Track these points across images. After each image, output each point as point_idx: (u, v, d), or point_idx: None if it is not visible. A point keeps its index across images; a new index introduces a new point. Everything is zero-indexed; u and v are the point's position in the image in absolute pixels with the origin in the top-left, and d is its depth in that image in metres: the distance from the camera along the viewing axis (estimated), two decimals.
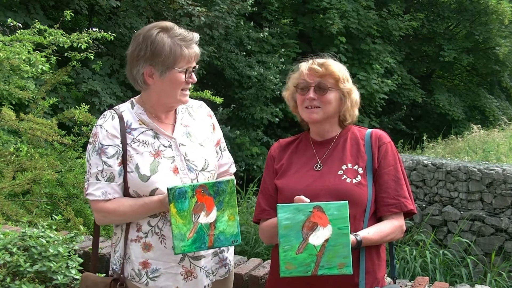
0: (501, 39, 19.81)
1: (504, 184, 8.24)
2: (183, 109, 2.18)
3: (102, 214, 2.01)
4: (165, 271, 2.00)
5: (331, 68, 2.03)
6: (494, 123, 17.63)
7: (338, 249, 1.73)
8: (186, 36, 2.01)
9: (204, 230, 1.86)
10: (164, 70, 1.98)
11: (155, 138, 2.05)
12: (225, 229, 1.88)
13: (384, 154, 2.03)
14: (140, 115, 2.08)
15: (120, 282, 2.03)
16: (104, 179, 1.99)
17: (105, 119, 2.05)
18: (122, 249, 2.05)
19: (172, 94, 2.04)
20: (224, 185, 1.88)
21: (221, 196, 1.87)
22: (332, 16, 16.06)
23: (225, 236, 1.88)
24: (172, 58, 1.97)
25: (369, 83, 16.07)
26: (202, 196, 1.86)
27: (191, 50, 2.01)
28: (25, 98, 5.74)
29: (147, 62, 1.98)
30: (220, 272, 2.13)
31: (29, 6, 10.84)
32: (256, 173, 13.10)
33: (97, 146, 2.01)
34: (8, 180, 4.42)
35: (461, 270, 6.81)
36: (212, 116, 2.26)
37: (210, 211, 1.87)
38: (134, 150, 2.01)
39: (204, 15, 12.27)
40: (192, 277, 2.02)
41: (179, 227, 1.84)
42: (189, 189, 1.85)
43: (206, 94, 5.64)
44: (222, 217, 1.87)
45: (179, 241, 1.84)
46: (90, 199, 2.01)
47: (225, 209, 1.88)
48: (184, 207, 1.84)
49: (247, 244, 7.08)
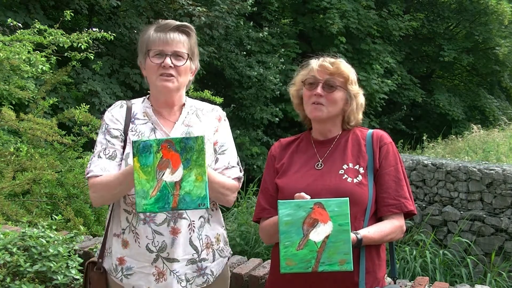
0: (501, 39, 19.83)
1: (504, 184, 8.24)
2: (190, 110, 2.17)
3: (93, 189, 2.00)
4: (138, 270, 2.01)
5: (341, 68, 2.04)
6: (494, 123, 17.64)
7: (339, 245, 1.73)
8: (163, 24, 2.07)
9: (168, 189, 1.73)
10: (144, 57, 2.07)
11: (152, 132, 2.07)
12: (191, 189, 1.73)
13: (385, 154, 2.03)
14: (146, 108, 2.13)
15: (98, 266, 2.08)
16: (105, 156, 2.02)
17: (115, 106, 2.16)
18: (104, 239, 2.11)
19: (151, 81, 2.08)
20: (193, 141, 1.74)
21: (189, 153, 1.74)
22: (332, 16, 16.06)
23: (191, 198, 1.73)
24: (145, 44, 2.06)
25: (369, 83, 16.07)
26: (168, 152, 1.73)
27: (162, 34, 2.03)
28: (25, 98, 5.75)
29: (138, 54, 2.13)
30: (197, 281, 2.07)
31: (29, 6, 10.84)
32: (256, 173, 13.10)
33: (104, 127, 2.09)
34: (8, 180, 4.42)
35: (461, 270, 6.81)
36: (221, 120, 2.23)
37: (176, 169, 1.73)
38: (129, 139, 2.05)
39: (204, 15, 12.27)
40: (163, 279, 2.01)
41: (141, 183, 1.72)
42: (154, 143, 1.73)
43: (206, 94, 5.64)
44: (189, 176, 1.73)
45: (141, 198, 1.72)
46: (89, 176, 2.00)
47: (193, 167, 1.74)
48: (148, 162, 1.72)
49: (247, 244, 7.08)
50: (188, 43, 2.08)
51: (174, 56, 2.03)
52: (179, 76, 2.05)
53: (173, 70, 2.02)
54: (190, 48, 2.08)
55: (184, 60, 2.05)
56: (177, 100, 2.13)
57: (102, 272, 2.07)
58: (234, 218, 7.96)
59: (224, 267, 2.19)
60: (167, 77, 2.02)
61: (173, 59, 2.03)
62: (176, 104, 2.14)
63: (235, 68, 14.44)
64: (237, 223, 7.59)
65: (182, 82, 2.08)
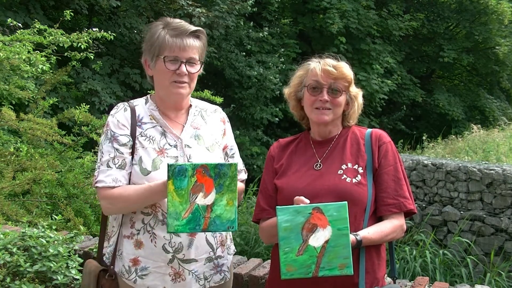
0: (501, 39, 19.83)
1: (504, 184, 8.24)
2: (196, 111, 2.18)
3: (108, 201, 1.99)
4: (154, 270, 2.00)
5: (345, 71, 2.03)
6: (494, 123, 17.63)
7: (339, 250, 1.73)
8: (178, 27, 2.03)
9: (200, 212, 1.81)
10: (153, 59, 2.04)
11: (162, 136, 2.06)
12: (222, 213, 1.82)
13: (384, 153, 2.03)
14: (152, 111, 2.10)
15: (110, 273, 2.05)
16: (115, 166, 2.00)
17: (118, 110, 2.10)
18: (115, 243, 2.06)
19: (162, 85, 2.05)
20: (227, 168, 1.82)
21: (222, 179, 1.82)
22: (332, 16, 16.06)
23: (221, 221, 1.82)
24: (158, 46, 2.02)
25: (369, 83, 16.07)
26: (202, 177, 1.81)
27: (178, 40, 2.00)
28: (25, 98, 5.74)
29: (145, 52, 2.09)
30: (215, 279, 2.10)
31: (29, 6, 10.84)
32: (256, 173, 13.10)
33: (109, 134, 2.04)
34: (8, 180, 4.42)
35: (461, 270, 6.81)
36: (225, 122, 2.26)
37: (208, 193, 1.81)
38: (140, 144, 2.03)
39: (204, 15, 12.27)
40: (181, 279, 2.01)
41: (175, 205, 1.80)
42: (190, 168, 1.80)
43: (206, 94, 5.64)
44: (221, 200, 1.82)
45: (173, 219, 1.79)
46: (99, 186, 1.99)
47: (225, 193, 1.82)
48: (182, 186, 1.80)
49: (247, 244, 7.08)
50: (201, 48, 2.08)
51: (189, 62, 2.02)
52: (191, 82, 2.06)
53: (186, 77, 2.03)
54: (201, 54, 2.08)
55: (198, 66, 2.06)
56: (185, 103, 2.14)
57: (114, 279, 2.05)
58: None
59: (231, 264, 2.22)
60: (181, 84, 2.02)
61: (188, 66, 2.02)
62: (184, 106, 2.14)
63: (235, 68, 14.43)
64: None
65: (192, 87, 2.10)
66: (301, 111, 2.16)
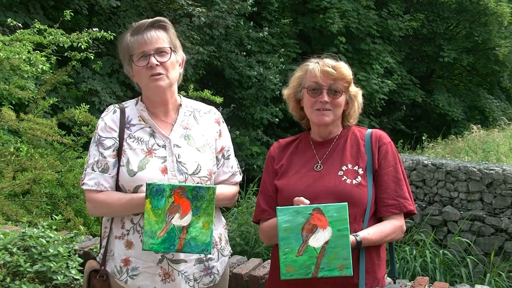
0: (501, 39, 19.84)
1: (504, 184, 8.24)
2: (188, 111, 2.17)
3: (93, 204, 2.04)
4: (144, 270, 2.00)
5: (344, 72, 2.02)
6: (494, 123, 17.63)
7: (338, 250, 1.73)
8: (137, 26, 2.05)
9: (175, 232, 1.84)
10: (129, 64, 2.06)
11: (151, 136, 2.06)
12: (197, 235, 1.85)
13: (384, 154, 2.03)
14: (141, 111, 2.11)
15: (101, 274, 2.06)
16: (98, 170, 2.02)
17: (108, 112, 2.12)
18: (106, 244, 2.08)
19: (143, 84, 2.07)
20: (204, 191, 1.85)
21: (199, 201, 1.85)
22: (332, 16, 16.07)
23: (196, 243, 1.85)
24: (125, 51, 2.05)
25: (369, 83, 16.08)
26: (179, 198, 1.84)
27: (139, 36, 2.02)
28: (25, 98, 5.74)
29: (123, 63, 2.12)
30: (204, 281, 2.09)
31: (29, 6, 10.85)
32: (256, 173, 13.10)
33: (96, 137, 2.07)
34: (8, 180, 4.42)
35: (461, 270, 6.80)
36: (220, 122, 2.23)
37: (185, 214, 1.84)
38: (128, 146, 2.04)
39: (204, 15, 12.27)
40: (170, 279, 2.01)
41: (151, 223, 1.83)
42: (168, 188, 1.84)
43: (206, 94, 5.64)
44: (197, 223, 1.85)
45: (149, 237, 1.83)
46: (84, 188, 2.04)
47: (201, 215, 1.85)
48: (159, 205, 1.83)
49: (247, 244, 7.08)
50: (168, 37, 2.06)
51: (158, 53, 2.02)
52: (168, 72, 2.04)
53: (160, 67, 2.01)
54: (170, 41, 2.06)
55: (168, 55, 2.04)
56: (170, 96, 2.11)
57: (105, 279, 2.05)
58: (234, 218, 7.96)
59: (225, 266, 2.21)
60: (157, 76, 2.01)
61: (157, 56, 2.01)
62: (170, 101, 2.12)
63: (235, 68, 14.44)
64: (237, 223, 7.60)
65: (172, 77, 2.06)
66: (300, 111, 2.15)
